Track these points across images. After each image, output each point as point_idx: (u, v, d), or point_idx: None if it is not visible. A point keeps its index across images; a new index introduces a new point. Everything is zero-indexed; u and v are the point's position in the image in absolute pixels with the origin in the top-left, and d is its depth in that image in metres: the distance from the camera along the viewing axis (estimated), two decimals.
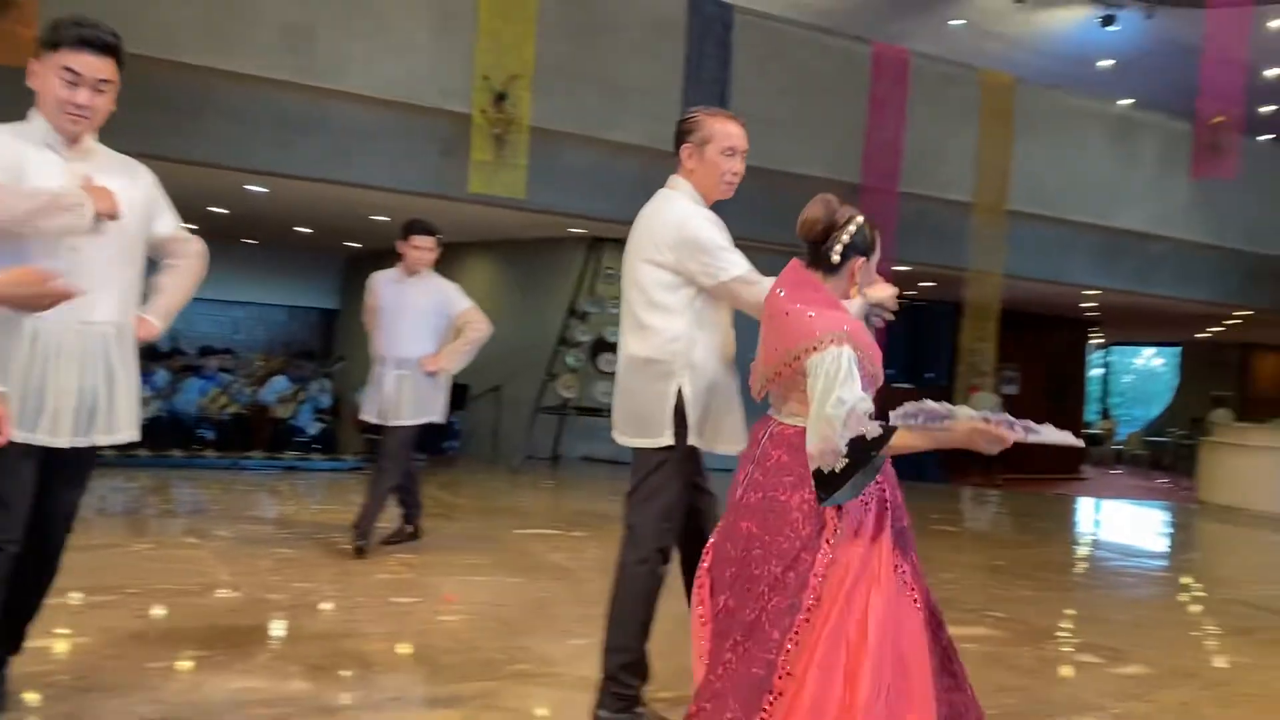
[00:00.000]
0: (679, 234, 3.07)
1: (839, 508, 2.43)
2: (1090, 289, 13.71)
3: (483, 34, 8.62)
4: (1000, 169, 11.27)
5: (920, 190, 10.86)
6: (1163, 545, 9.73)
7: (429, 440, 11.97)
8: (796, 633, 2.37)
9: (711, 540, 2.72)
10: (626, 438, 3.22)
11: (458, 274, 14.17)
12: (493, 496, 8.99)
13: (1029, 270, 12.25)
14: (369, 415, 5.69)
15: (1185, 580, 7.16)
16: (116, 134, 8.51)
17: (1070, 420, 19.01)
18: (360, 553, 5.41)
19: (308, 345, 15.79)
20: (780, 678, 2.35)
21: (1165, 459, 20.11)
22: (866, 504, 2.48)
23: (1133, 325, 20.21)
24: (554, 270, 12.20)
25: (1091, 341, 21.11)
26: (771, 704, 2.34)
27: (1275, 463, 11.45)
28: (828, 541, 2.43)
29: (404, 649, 3.86)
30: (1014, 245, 11.64)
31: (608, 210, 10.07)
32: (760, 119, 10.08)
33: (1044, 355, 18.02)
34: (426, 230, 5.73)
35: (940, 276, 12.78)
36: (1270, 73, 14.18)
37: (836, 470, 2.34)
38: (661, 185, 11.64)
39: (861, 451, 2.31)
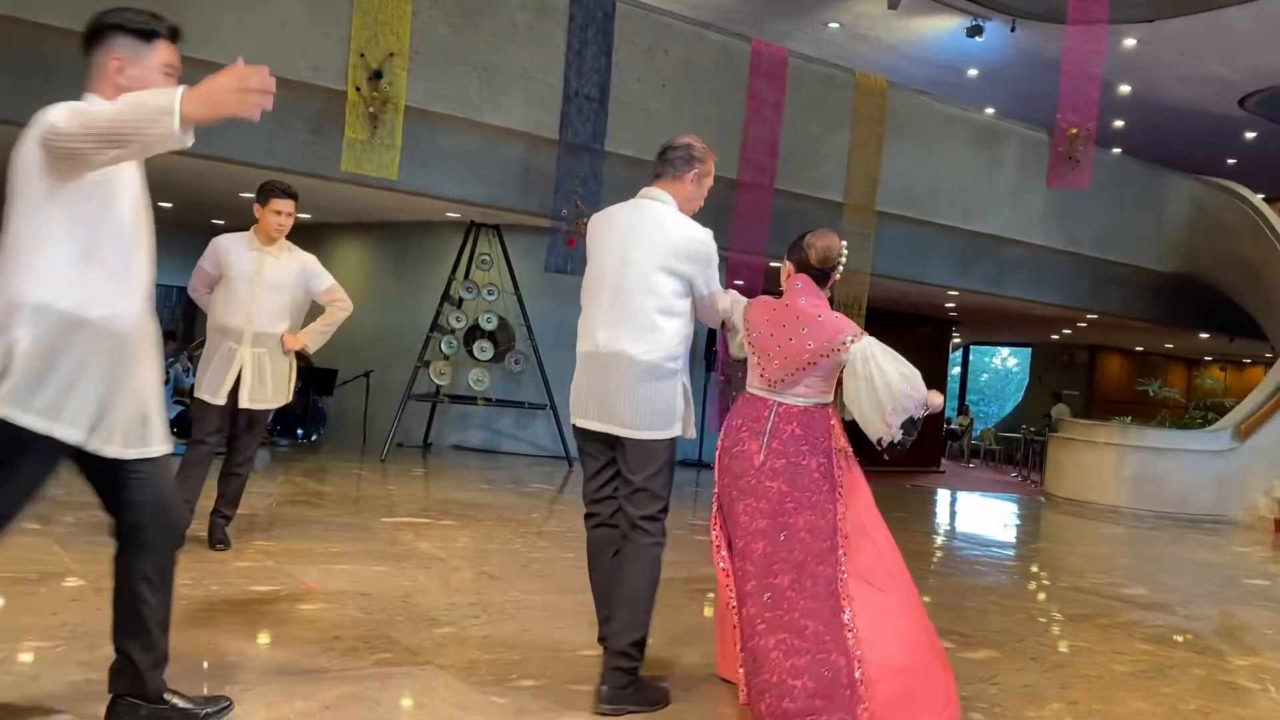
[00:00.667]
0: (700, 249, 3.48)
1: (835, 472, 3.36)
2: (951, 289, 14.24)
3: (359, 10, 8.38)
4: (871, 170, 11.59)
5: (795, 188, 11.08)
6: (1012, 536, 10.21)
7: (289, 426, 11.68)
8: (842, 563, 3.20)
9: (722, 502, 3.48)
10: (635, 431, 3.42)
11: (329, 255, 13.82)
12: (361, 484, 8.79)
13: (895, 270, 12.65)
14: (211, 395, 5.12)
15: (1033, 569, 7.53)
16: None
17: (932, 416, 19.73)
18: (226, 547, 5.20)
19: (168, 325, 15.13)
20: (843, 599, 3.15)
21: (1017, 454, 21.08)
22: (843, 469, 3.40)
23: (989, 326, 21.10)
24: (429, 255, 12.01)
25: (952, 340, 21.94)
26: (850, 616, 3.12)
27: (1117, 458, 12.14)
28: (839, 494, 3.33)
29: (262, 639, 3.74)
30: (881, 245, 12.00)
31: (484, 195, 9.95)
32: (641, 110, 10.20)
33: (908, 352, 18.57)
34: (288, 193, 5.23)
35: None
36: (1123, 89, 15.00)
37: (897, 435, 3.36)
38: (539, 172, 11.61)
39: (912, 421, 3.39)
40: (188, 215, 14.34)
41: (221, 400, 5.11)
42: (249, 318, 5.14)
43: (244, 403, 5.15)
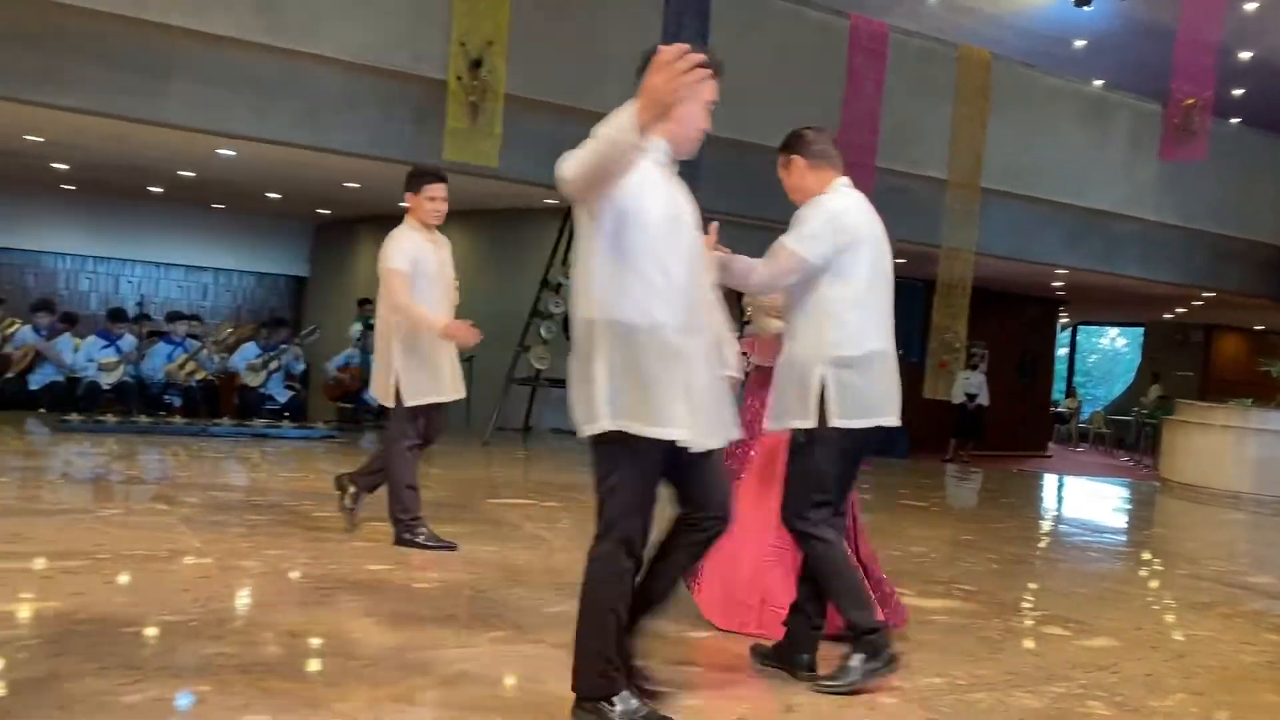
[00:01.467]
0: None
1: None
2: (1059, 267, 13.83)
3: None
4: (974, 146, 11.31)
5: (895, 166, 10.88)
6: (1125, 521, 9.90)
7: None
8: None
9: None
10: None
11: None
12: (465, 467, 8.96)
13: (1000, 248, 12.34)
14: (455, 392, 5.05)
15: (1146, 555, 7.29)
16: (77, 91, 8.40)
17: (1038, 398, 19.24)
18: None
19: (278, 312, 15.62)
20: None
21: (1128, 437, 20.39)
22: None
23: (1098, 305, 20.43)
24: (527, 241, 12.14)
25: (1059, 320, 21.32)
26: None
27: (1234, 442, 11.64)
28: None
29: (379, 616, 3.85)
30: (986, 223, 11.71)
31: None
32: (737, 90, 10.04)
33: (1013, 333, 18.19)
34: (440, 176, 5.09)
35: (913, 253, 12.81)
36: (1243, 55, 14.31)
37: None
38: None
39: None
40: (293, 206, 14.78)
41: (463, 393, 5.10)
42: (444, 309, 5.04)
43: (456, 394, 5.08)
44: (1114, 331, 33.38)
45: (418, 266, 4.96)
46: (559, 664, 3.42)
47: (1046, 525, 8.91)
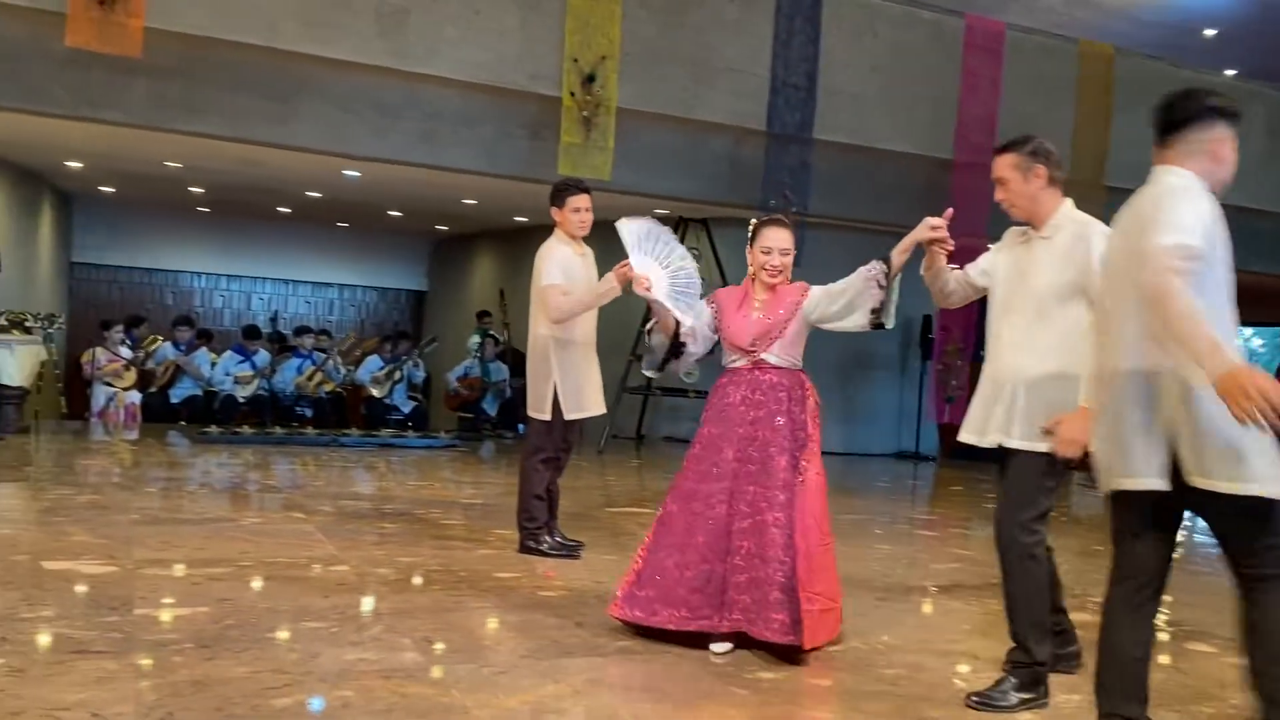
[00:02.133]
0: None
1: None
2: None
3: (571, 15, 8.65)
4: (1098, 144, 10.94)
5: None
6: None
7: (512, 419, 12.17)
8: None
9: None
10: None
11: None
12: (581, 476, 9.07)
13: None
14: (588, 410, 5.25)
15: None
16: (215, 119, 8.78)
17: None
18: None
19: (399, 326, 16.11)
20: None
21: None
22: None
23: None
24: None
25: None
26: None
27: None
28: None
29: (509, 624, 3.94)
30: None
31: (692, 190, 10.07)
32: (850, 95, 10.03)
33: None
34: (582, 188, 5.29)
35: None
36: None
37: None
38: (747, 164, 11.63)
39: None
40: (413, 223, 15.21)
41: (604, 409, 5.38)
42: (591, 318, 5.23)
43: (600, 409, 5.38)
44: (1249, 331, 31.81)
45: (569, 277, 5.14)
46: (686, 674, 3.46)
47: (1181, 534, 8.54)
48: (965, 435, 3.45)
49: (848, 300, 3.84)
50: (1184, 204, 2.62)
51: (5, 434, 8.33)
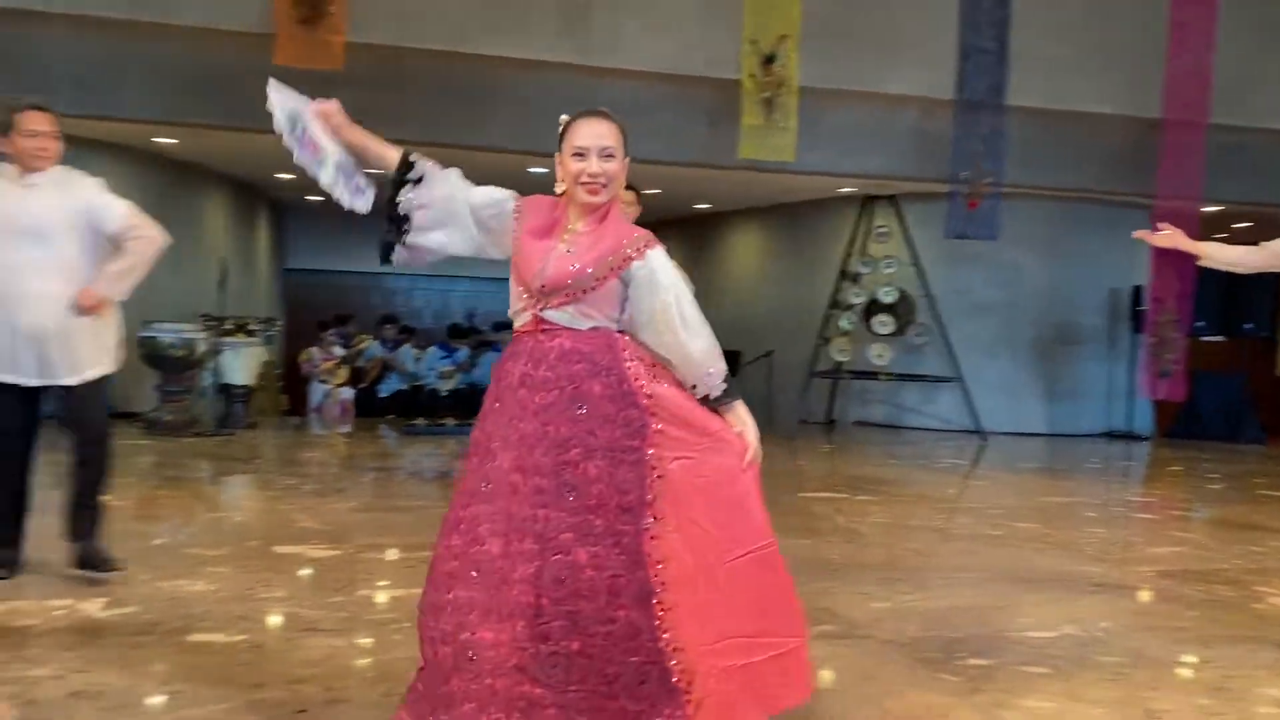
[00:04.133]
0: None
1: None
2: None
3: None
4: None
5: (1233, 120, 9.80)
6: None
7: None
8: None
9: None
10: None
11: (724, 242, 14.32)
12: (770, 460, 8.99)
13: None
14: None
15: None
16: (412, 125, 9.18)
17: None
18: None
19: None
20: None
21: None
22: None
23: None
24: (823, 232, 12.04)
25: None
26: None
27: None
28: None
29: None
30: None
31: (880, 166, 9.82)
32: (1044, 58, 9.52)
33: None
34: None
35: (1258, 216, 11.54)
36: None
37: None
38: (935, 136, 11.25)
39: None
40: None
41: None
42: None
43: None
44: None
45: None
46: (889, 660, 3.38)
47: None
48: None
49: (674, 357, 2.51)
50: None
51: (235, 430, 9.01)
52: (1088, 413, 11.36)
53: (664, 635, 2.32)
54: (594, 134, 2.57)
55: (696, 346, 2.50)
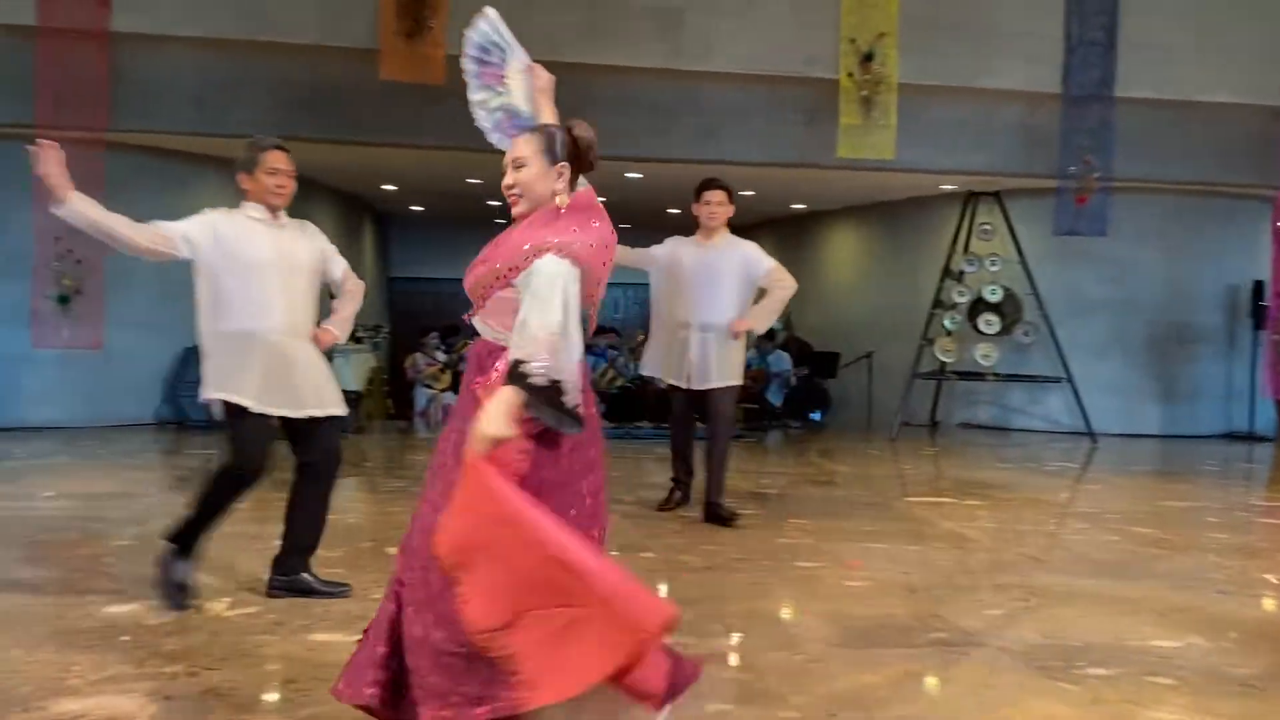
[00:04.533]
0: None
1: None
2: None
3: None
4: None
5: None
6: None
7: (799, 408, 12.11)
8: None
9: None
10: None
11: (821, 242, 14.21)
12: (873, 464, 8.90)
13: None
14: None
15: None
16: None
17: None
18: (733, 519, 5.52)
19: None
20: None
21: None
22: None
23: None
24: (924, 230, 11.83)
25: None
26: None
27: None
28: None
29: (817, 612, 3.92)
30: None
31: (983, 163, 9.62)
32: (1156, 46, 9.20)
33: None
34: (717, 184, 5.64)
35: None
36: None
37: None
38: (1041, 131, 11.01)
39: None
40: (691, 219, 15.45)
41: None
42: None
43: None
44: None
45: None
46: (1006, 669, 3.30)
47: None
48: None
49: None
50: None
51: (344, 433, 9.27)
52: (1206, 414, 10.92)
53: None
54: (509, 151, 2.66)
55: (532, 320, 2.35)
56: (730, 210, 5.72)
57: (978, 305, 10.76)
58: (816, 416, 12.16)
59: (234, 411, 3.76)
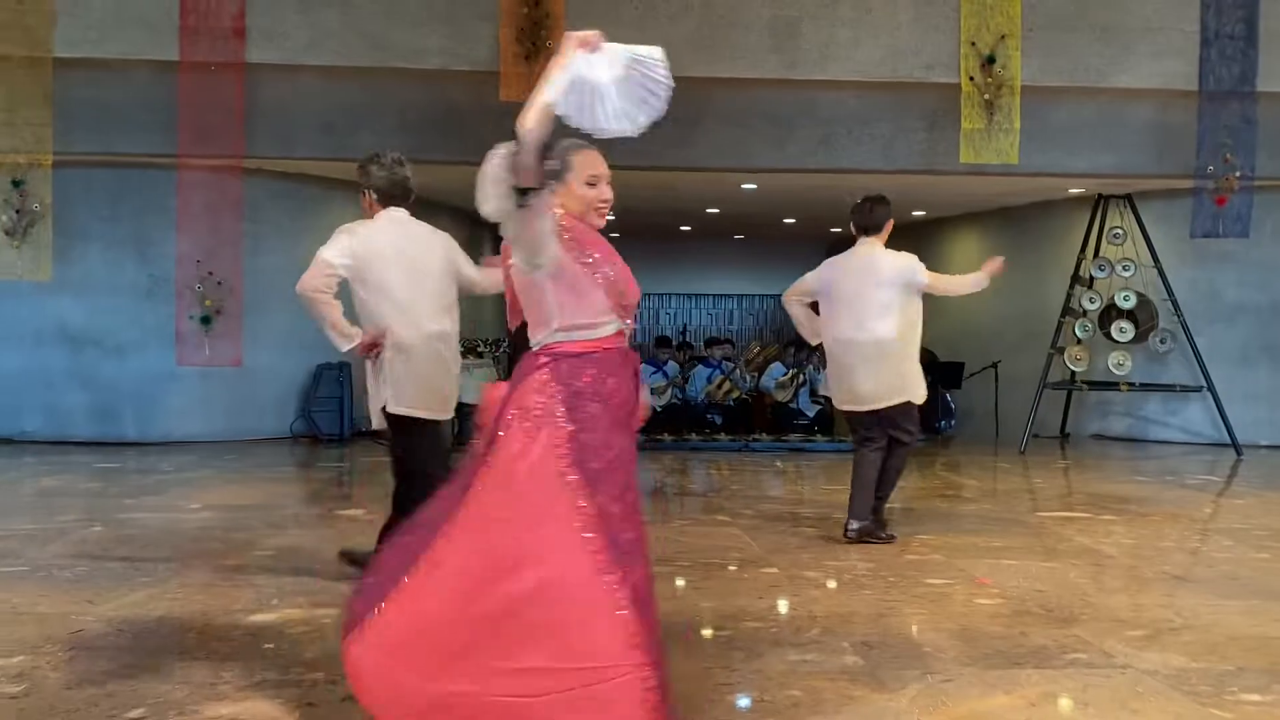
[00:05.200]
0: None
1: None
2: None
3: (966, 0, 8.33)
4: None
5: None
6: None
7: (923, 420, 11.84)
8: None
9: None
10: None
11: (942, 249, 13.92)
12: (1001, 477, 8.65)
13: None
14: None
15: None
16: (627, 149, 9.35)
17: None
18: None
19: (797, 333, 16.33)
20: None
21: None
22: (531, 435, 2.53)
23: None
24: (1051, 235, 11.47)
25: None
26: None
27: None
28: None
29: (948, 630, 3.83)
30: None
31: (1113, 165, 9.28)
32: None
33: None
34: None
35: None
36: None
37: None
38: (1175, 129, 10.61)
39: None
40: (806, 228, 15.36)
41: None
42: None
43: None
44: None
45: None
46: (1153, 693, 3.16)
47: None
48: None
49: None
50: None
51: (466, 444, 9.48)
52: None
53: None
54: (603, 165, 2.77)
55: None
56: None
57: (1110, 312, 10.36)
58: (943, 426, 11.88)
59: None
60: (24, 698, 3.05)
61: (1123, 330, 10.28)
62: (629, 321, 2.74)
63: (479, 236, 14.27)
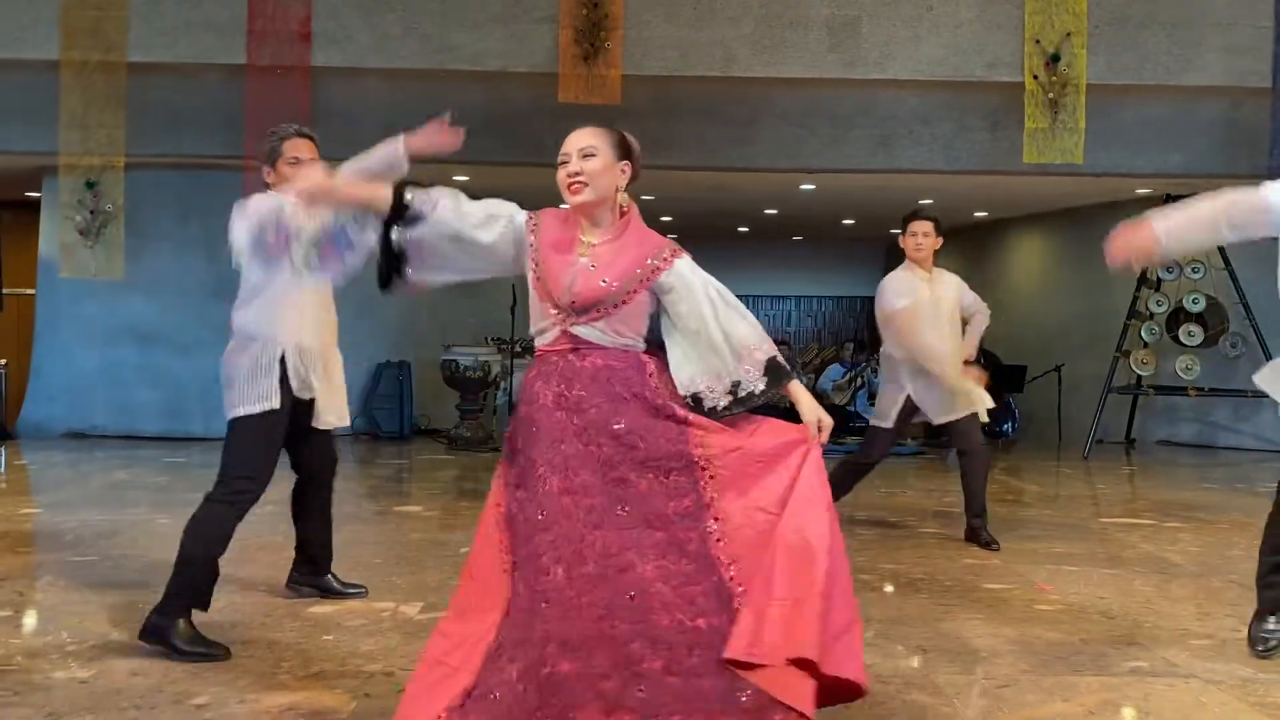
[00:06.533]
0: None
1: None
2: None
3: None
4: None
5: None
6: None
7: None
8: None
9: None
10: None
11: (1005, 250, 13.71)
12: (1064, 482, 8.50)
13: None
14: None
15: None
16: (685, 150, 9.43)
17: None
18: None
19: (855, 333, 16.21)
20: None
21: None
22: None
23: None
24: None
25: None
26: None
27: None
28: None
29: (1006, 636, 3.77)
30: None
31: (1181, 165, 9.06)
32: None
33: None
34: (922, 215, 5.54)
35: None
36: None
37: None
38: (1247, 128, 10.34)
39: None
40: (865, 229, 15.24)
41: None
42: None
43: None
44: None
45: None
46: (1218, 703, 3.09)
47: None
48: None
49: (724, 348, 2.62)
50: None
51: None
52: None
53: (749, 629, 2.30)
54: (574, 140, 2.61)
55: (743, 326, 2.62)
56: (938, 242, 5.59)
57: (1178, 315, 10.12)
58: (1006, 429, 11.69)
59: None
60: (94, 681, 3.15)
61: (1191, 334, 10.03)
62: (592, 323, 2.50)
63: None
